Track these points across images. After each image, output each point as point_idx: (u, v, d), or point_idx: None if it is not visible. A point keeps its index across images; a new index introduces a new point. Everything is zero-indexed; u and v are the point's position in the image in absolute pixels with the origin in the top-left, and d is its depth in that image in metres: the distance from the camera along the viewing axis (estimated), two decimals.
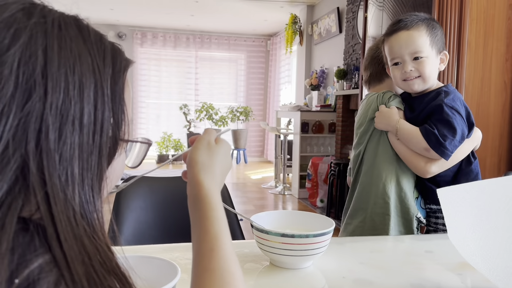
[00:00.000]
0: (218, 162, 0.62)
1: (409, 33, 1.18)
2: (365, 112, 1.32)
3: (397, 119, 1.21)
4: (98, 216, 0.42)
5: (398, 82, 1.23)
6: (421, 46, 1.17)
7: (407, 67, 1.18)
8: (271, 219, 0.89)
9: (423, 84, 1.20)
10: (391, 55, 1.22)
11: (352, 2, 4.76)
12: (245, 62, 8.35)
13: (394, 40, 1.20)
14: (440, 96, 1.18)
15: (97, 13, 6.80)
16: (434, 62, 1.20)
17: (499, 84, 2.32)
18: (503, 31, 2.30)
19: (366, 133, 1.31)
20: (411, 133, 1.18)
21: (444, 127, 1.14)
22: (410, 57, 1.18)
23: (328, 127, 5.15)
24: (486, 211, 0.64)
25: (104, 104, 0.43)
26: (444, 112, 1.15)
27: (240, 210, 4.50)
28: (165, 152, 7.73)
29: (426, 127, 1.16)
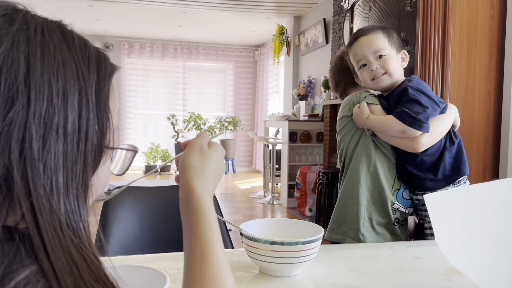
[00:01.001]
0: (210, 166, 0.61)
1: (368, 37, 1.29)
2: (342, 110, 1.41)
3: (366, 116, 1.28)
4: (84, 225, 0.42)
5: (367, 83, 1.32)
6: (381, 45, 1.28)
7: (373, 66, 1.27)
8: (260, 227, 0.89)
9: (390, 79, 1.28)
10: (356, 58, 1.32)
11: (338, 14, 4.83)
12: (233, 72, 8.38)
13: (356, 46, 1.31)
14: (404, 83, 1.28)
15: (84, 24, 6.75)
16: (396, 59, 1.30)
17: (483, 93, 2.37)
18: (485, 41, 2.35)
19: (342, 129, 1.40)
20: (384, 121, 1.25)
21: (412, 105, 1.21)
22: (373, 57, 1.28)
23: (316, 136, 5.17)
24: (472, 216, 0.65)
25: (89, 111, 0.42)
26: (409, 93, 1.23)
27: (229, 220, 4.47)
28: (153, 162, 7.68)
29: (397, 110, 1.23)
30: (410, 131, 1.20)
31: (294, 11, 5.80)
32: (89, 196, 0.44)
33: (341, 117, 1.41)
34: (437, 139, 1.25)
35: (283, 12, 5.80)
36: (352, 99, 1.37)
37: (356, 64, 1.33)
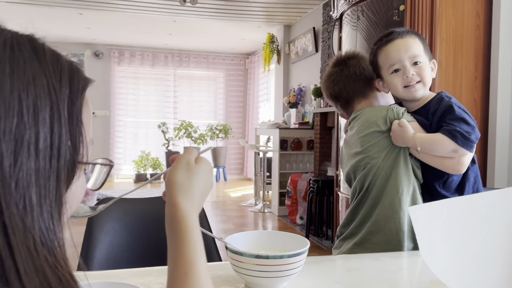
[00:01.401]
0: (197, 182, 0.61)
1: (405, 40, 1.21)
2: (371, 125, 1.25)
3: (413, 134, 1.18)
4: (59, 243, 0.41)
5: (399, 89, 1.23)
6: (418, 51, 1.20)
7: (409, 72, 1.19)
8: (246, 240, 0.88)
9: (423, 89, 1.21)
10: (390, 61, 1.22)
11: (328, 23, 4.87)
12: (224, 80, 8.39)
13: (391, 48, 1.22)
14: (444, 100, 1.20)
15: (74, 32, 6.76)
16: (429, 67, 1.23)
17: (470, 101, 2.39)
18: (471, 50, 2.38)
19: (374, 146, 1.24)
20: (434, 140, 1.16)
21: (462, 124, 1.13)
22: (410, 62, 1.20)
23: (307, 144, 5.19)
24: (455, 229, 0.65)
25: (61, 126, 0.41)
26: (456, 111, 1.15)
27: (219, 229, 4.46)
28: (143, 171, 7.63)
29: (448, 129, 1.14)
30: (462, 151, 1.13)
31: (284, 20, 5.84)
32: (63, 213, 0.43)
33: (372, 132, 1.24)
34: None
35: (273, 21, 5.84)
36: (387, 114, 1.23)
37: (388, 67, 1.23)
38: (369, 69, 1.35)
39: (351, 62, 1.38)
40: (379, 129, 1.23)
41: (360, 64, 1.37)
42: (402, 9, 2.46)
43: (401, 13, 2.48)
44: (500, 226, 0.60)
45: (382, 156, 1.23)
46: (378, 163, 1.23)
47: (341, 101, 1.40)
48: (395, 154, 1.23)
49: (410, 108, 1.28)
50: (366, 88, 1.35)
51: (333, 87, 1.40)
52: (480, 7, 2.38)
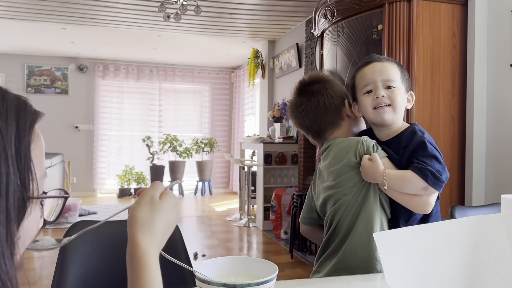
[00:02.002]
0: (160, 219, 0.60)
1: (383, 64, 1.22)
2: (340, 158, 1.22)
3: (383, 171, 1.13)
4: (12, 283, 0.40)
5: (367, 110, 1.21)
6: (393, 76, 1.20)
7: (380, 92, 1.18)
8: (216, 267, 0.88)
9: (393, 114, 1.19)
10: (364, 82, 1.22)
11: (310, 39, 4.93)
12: (210, 94, 8.41)
13: (367, 69, 1.23)
14: (416, 134, 1.17)
15: (58, 46, 6.72)
16: (404, 97, 1.22)
17: (447, 118, 2.44)
18: (448, 68, 2.44)
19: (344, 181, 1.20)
20: (404, 178, 1.12)
21: (434, 162, 1.12)
22: (383, 84, 1.19)
23: (291, 158, 5.21)
24: (416, 256, 0.66)
25: (8, 166, 0.41)
26: (428, 148, 1.13)
27: (204, 244, 4.42)
28: (127, 185, 7.55)
29: (419, 166, 1.11)
30: (431, 190, 1.11)
31: (268, 36, 5.90)
32: (15, 252, 0.42)
33: (343, 166, 1.21)
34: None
35: (257, 36, 5.89)
36: (357, 147, 1.19)
37: (361, 88, 1.22)
38: (337, 95, 1.31)
39: (317, 89, 1.32)
40: (350, 163, 1.19)
41: (327, 92, 1.31)
42: (380, 28, 2.51)
43: (379, 32, 2.53)
44: (456, 255, 0.61)
45: (352, 192, 1.19)
46: (348, 200, 1.19)
47: (312, 132, 1.35)
48: (365, 189, 1.19)
49: (381, 137, 1.25)
50: (337, 118, 1.30)
51: (302, 118, 1.35)
52: (456, 27, 2.44)
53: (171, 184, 0.71)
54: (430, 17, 2.39)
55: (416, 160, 1.13)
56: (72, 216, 5.24)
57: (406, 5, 2.37)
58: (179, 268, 1.25)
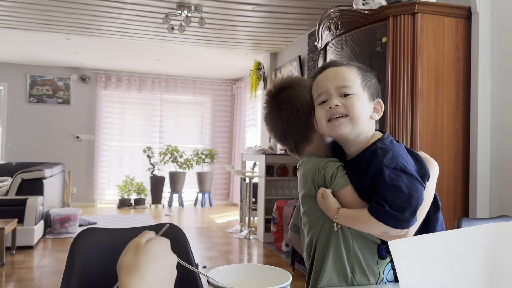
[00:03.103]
0: (146, 260, 0.60)
1: (338, 68, 1.04)
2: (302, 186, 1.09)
3: (335, 211, 0.99)
4: None
5: (322, 124, 1.04)
6: (349, 81, 1.02)
7: (333, 102, 1.00)
8: (229, 273, 0.88)
9: (351, 126, 1.00)
10: (317, 91, 1.05)
11: (313, 51, 4.97)
12: (211, 105, 8.44)
13: (321, 76, 1.06)
14: (377, 157, 0.97)
15: (61, 56, 6.76)
16: (366, 104, 1.02)
17: (451, 131, 2.44)
18: (452, 81, 2.45)
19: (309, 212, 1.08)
20: (358, 220, 0.96)
21: (394, 195, 0.92)
22: (337, 92, 1.01)
23: (293, 170, 5.20)
24: (433, 264, 0.66)
25: None
26: (386, 176, 0.93)
27: (204, 256, 4.39)
28: (127, 196, 7.53)
29: (374, 206, 0.94)
30: (394, 232, 0.93)
31: (271, 48, 5.94)
32: None
33: (304, 195, 1.08)
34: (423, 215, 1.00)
35: (260, 48, 5.94)
36: (315, 177, 1.04)
37: (316, 98, 1.06)
38: (304, 105, 1.14)
39: (282, 101, 1.16)
40: (310, 193, 1.06)
41: (291, 104, 1.14)
42: (384, 41, 2.53)
43: (383, 45, 2.55)
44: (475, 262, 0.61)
45: (319, 225, 1.06)
46: (316, 233, 1.06)
47: (287, 147, 1.22)
48: (329, 222, 1.03)
49: (349, 153, 1.07)
50: (305, 132, 1.14)
51: (274, 133, 1.22)
52: (459, 40, 2.46)
53: (161, 231, 0.72)
54: (434, 31, 2.41)
55: (374, 195, 0.95)
56: (72, 226, 5.22)
57: (410, 18, 2.39)
58: (184, 276, 1.24)
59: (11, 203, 4.57)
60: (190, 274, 1.24)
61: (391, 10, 2.42)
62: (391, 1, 2.45)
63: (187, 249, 1.30)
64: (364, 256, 1.04)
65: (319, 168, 1.04)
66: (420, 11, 2.37)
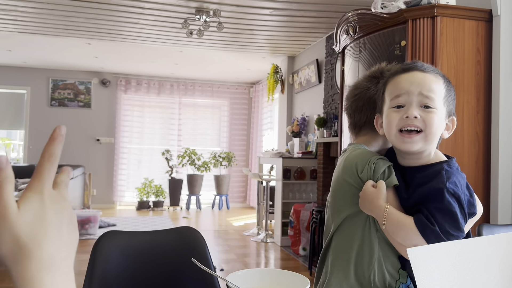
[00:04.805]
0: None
1: (425, 75, 0.95)
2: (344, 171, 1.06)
3: (385, 207, 0.93)
4: None
5: (391, 132, 0.95)
6: (435, 93, 0.93)
7: (412, 112, 0.91)
8: (247, 277, 0.89)
9: (423, 143, 0.93)
10: (396, 91, 0.96)
11: (331, 55, 4.96)
12: (228, 108, 8.48)
13: (404, 77, 0.96)
14: (440, 177, 0.92)
15: (82, 61, 6.90)
16: (442, 122, 0.95)
17: (472, 135, 2.41)
18: (472, 85, 2.42)
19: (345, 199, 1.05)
20: (401, 225, 0.91)
21: (446, 219, 0.88)
22: (418, 101, 0.93)
23: (310, 173, 5.19)
24: (453, 272, 0.66)
25: None
26: (445, 200, 0.89)
27: (221, 259, 4.41)
28: (146, 198, 7.62)
29: (423, 220, 0.89)
30: None
31: (288, 52, 5.95)
32: None
33: (338, 178, 1.06)
34: None
35: (277, 52, 5.95)
36: (363, 166, 1.00)
37: (391, 99, 0.96)
38: None
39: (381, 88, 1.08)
40: (349, 180, 1.03)
41: None
42: (403, 44, 2.51)
43: (402, 48, 2.53)
44: (495, 271, 0.60)
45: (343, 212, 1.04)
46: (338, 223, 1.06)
47: (350, 121, 1.20)
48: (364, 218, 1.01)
49: (404, 162, 1.01)
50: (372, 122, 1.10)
51: (350, 105, 1.19)
52: (480, 44, 2.43)
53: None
54: (454, 34, 2.38)
55: (425, 209, 0.90)
56: (92, 227, 5.31)
57: (430, 22, 2.37)
58: (203, 278, 1.26)
59: None
60: (209, 277, 1.26)
61: (410, 14, 2.40)
62: (410, 5, 2.43)
63: (205, 252, 1.32)
64: (386, 260, 1.01)
65: (370, 161, 1.00)
66: (439, 14, 2.35)
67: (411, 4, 2.43)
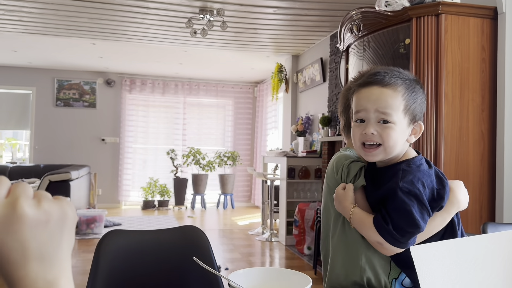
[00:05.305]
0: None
1: (382, 91, 0.98)
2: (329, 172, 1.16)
3: (351, 208, 1.02)
4: None
5: (356, 144, 1.03)
6: (392, 107, 0.97)
7: (369, 130, 0.98)
8: (249, 277, 0.89)
9: (384, 154, 1.00)
10: (356, 107, 1.02)
11: (335, 53, 4.94)
12: (233, 108, 8.48)
13: (363, 93, 1.01)
14: (395, 177, 0.98)
15: (87, 61, 6.92)
16: (403, 131, 1.00)
17: (477, 133, 2.39)
18: (477, 83, 2.41)
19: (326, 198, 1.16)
20: (363, 223, 1.00)
21: (400, 217, 0.94)
22: (376, 117, 0.99)
23: (314, 172, 5.18)
24: (454, 270, 0.65)
25: None
26: (398, 198, 0.94)
27: (226, 258, 4.42)
28: (151, 197, 7.64)
29: (379, 220, 0.96)
30: (387, 247, 0.97)
31: (292, 50, 5.94)
32: None
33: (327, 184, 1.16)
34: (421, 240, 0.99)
35: (281, 51, 5.94)
36: (341, 171, 1.10)
37: (354, 113, 1.03)
38: None
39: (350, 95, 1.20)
40: (329, 184, 1.13)
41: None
42: (407, 42, 2.50)
43: (407, 46, 2.52)
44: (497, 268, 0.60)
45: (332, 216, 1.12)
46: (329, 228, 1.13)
47: (341, 122, 1.28)
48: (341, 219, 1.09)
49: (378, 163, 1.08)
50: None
51: (339, 106, 1.27)
52: (485, 41, 2.41)
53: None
54: (458, 31, 2.37)
55: (383, 209, 0.97)
56: (98, 227, 5.33)
57: (434, 19, 2.36)
58: (206, 278, 1.26)
59: None
60: (212, 275, 1.26)
61: (414, 11, 2.39)
62: (414, 2, 2.42)
63: (209, 250, 1.32)
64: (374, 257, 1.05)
65: (344, 165, 1.10)
66: (444, 12, 2.33)
67: (415, 2, 2.42)
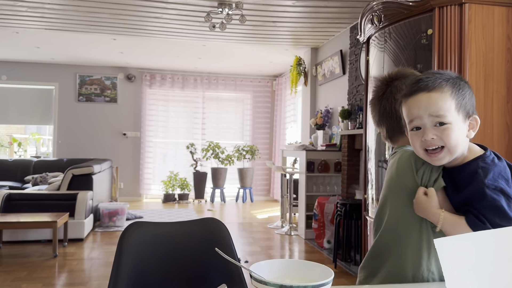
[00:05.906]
0: None
1: (430, 95, 0.99)
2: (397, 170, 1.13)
3: (438, 212, 1.01)
4: None
5: (418, 152, 1.04)
6: (444, 109, 0.98)
7: (428, 135, 0.99)
8: (271, 268, 0.89)
9: (450, 156, 1.00)
10: (409, 117, 1.03)
11: (355, 45, 4.89)
12: (251, 101, 8.48)
13: (412, 102, 1.02)
14: (477, 176, 0.98)
15: (108, 56, 7.02)
16: (461, 129, 1.00)
17: (502, 125, 2.34)
18: (503, 74, 2.35)
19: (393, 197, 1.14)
20: (456, 226, 0.98)
21: (494, 214, 0.95)
22: (431, 121, 0.99)
23: (334, 166, 5.15)
24: (480, 263, 0.64)
25: None
26: (488, 197, 0.96)
27: (246, 251, 4.44)
28: (171, 191, 7.73)
29: (475, 221, 0.96)
30: None
31: (311, 43, 5.89)
32: None
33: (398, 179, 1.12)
34: None
35: (300, 44, 5.90)
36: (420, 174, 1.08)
37: (408, 123, 1.04)
38: None
39: (386, 89, 1.22)
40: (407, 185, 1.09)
41: (393, 93, 1.20)
42: (430, 32, 2.45)
43: (429, 37, 2.47)
44: None
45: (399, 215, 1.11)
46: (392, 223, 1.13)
47: (382, 132, 1.28)
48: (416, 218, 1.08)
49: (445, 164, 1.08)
50: (400, 123, 1.16)
51: (373, 117, 1.29)
52: (510, 31, 2.35)
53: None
54: (483, 21, 2.31)
55: (474, 209, 0.97)
56: (120, 220, 5.42)
57: (457, 9, 2.31)
58: (228, 269, 1.27)
59: (63, 198, 4.81)
60: (233, 266, 1.27)
61: (437, 1, 2.34)
62: None
63: (229, 242, 1.33)
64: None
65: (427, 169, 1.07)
66: (467, 1, 2.28)
67: None
